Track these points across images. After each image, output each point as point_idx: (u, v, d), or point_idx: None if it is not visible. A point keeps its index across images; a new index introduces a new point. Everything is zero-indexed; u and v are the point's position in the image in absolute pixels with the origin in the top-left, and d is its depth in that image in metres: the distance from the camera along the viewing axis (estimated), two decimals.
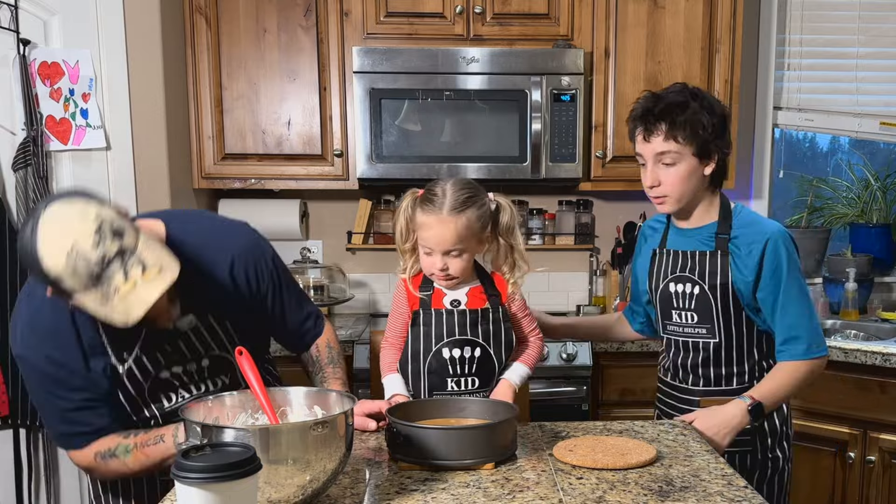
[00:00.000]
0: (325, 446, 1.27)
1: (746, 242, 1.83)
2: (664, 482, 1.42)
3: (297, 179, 2.97)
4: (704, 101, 1.80)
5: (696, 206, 1.88)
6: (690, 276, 1.88)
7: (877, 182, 3.32)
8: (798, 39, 3.30)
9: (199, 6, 2.83)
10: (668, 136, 1.78)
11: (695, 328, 1.90)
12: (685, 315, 1.91)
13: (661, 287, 1.94)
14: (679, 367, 1.95)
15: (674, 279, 1.91)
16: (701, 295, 1.87)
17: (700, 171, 1.82)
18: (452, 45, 2.88)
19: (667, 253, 1.94)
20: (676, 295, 1.91)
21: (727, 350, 1.88)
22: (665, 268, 1.93)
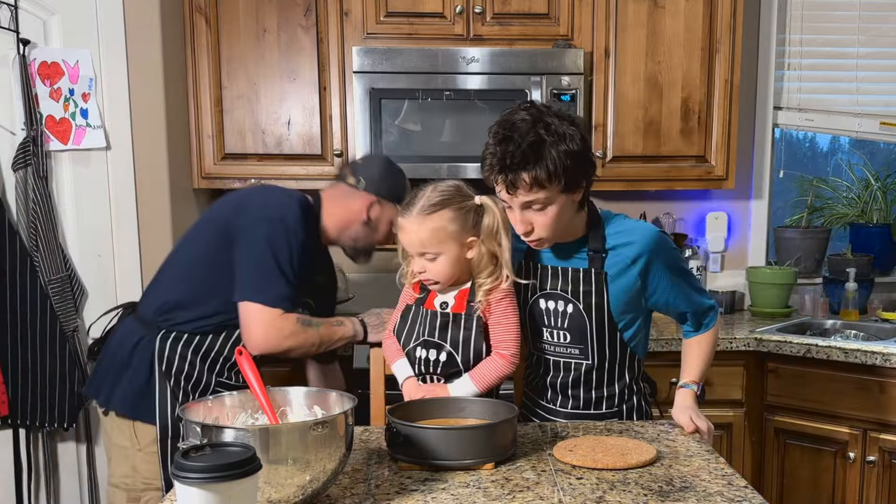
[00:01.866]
0: (325, 446, 1.27)
1: (623, 259, 1.76)
2: (664, 482, 1.42)
3: (297, 179, 2.97)
4: (559, 131, 1.63)
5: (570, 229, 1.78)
6: (563, 293, 1.79)
7: (877, 182, 3.33)
8: (798, 39, 3.31)
9: (199, 6, 2.83)
10: (533, 185, 1.63)
11: (567, 348, 1.83)
12: (557, 334, 1.83)
13: (532, 302, 1.83)
14: (547, 386, 1.88)
15: (544, 295, 1.82)
16: (575, 314, 1.79)
17: (571, 203, 1.70)
18: (452, 45, 2.88)
19: (536, 267, 1.84)
20: (547, 312, 1.82)
21: (599, 372, 1.83)
22: (535, 282, 1.83)
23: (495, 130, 1.68)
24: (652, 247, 1.76)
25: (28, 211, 2.39)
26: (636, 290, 1.79)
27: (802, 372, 2.67)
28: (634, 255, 1.76)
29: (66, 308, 2.46)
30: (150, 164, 2.62)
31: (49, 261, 2.41)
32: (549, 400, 1.89)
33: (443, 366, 1.79)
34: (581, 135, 1.66)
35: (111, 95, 2.54)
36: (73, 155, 2.51)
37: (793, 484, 2.73)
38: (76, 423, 2.49)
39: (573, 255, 1.80)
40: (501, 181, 1.67)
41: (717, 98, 2.96)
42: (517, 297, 1.82)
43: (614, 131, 2.96)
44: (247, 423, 1.41)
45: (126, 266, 2.60)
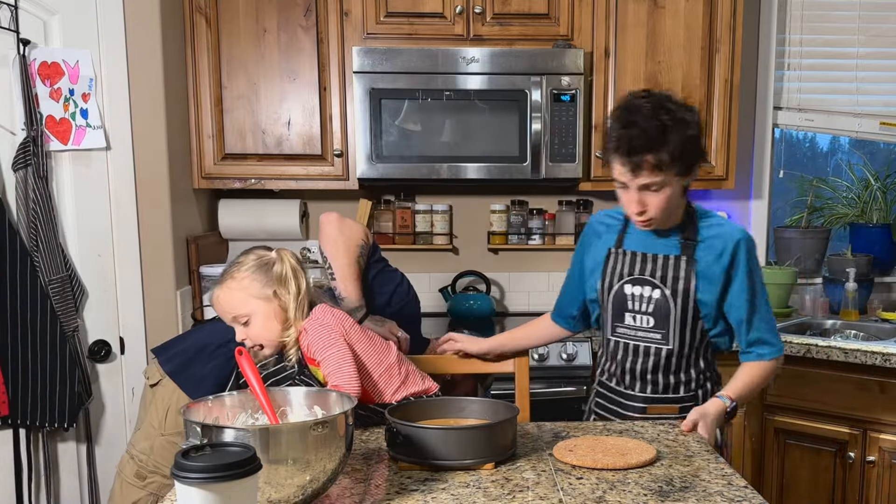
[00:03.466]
0: (325, 446, 1.27)
1: (713, 250, 1.82)
2: (664, 482, 1.42)
3: (297, 179, 2.97)
4: (679, 116, 1.73)
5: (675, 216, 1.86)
6: (651, 279, 1.85)
7: (877, 182, 3.32)
8: (798, 39, 3.31)
9: (199, 6, 2.83)
10: (654, 168, 1.71)
11: (648, 332, 1.87)
12: (640, 318, 1.87)
13: (616, 287, 1.89)
14: (626, 371, 1.91)
15: (631, 280, 1.87)
16: (661, 300, 1.84)
17: (681, 187, 1.80)
18: (452, 45, 2.88)
19: (623, 253, 1.90)
20: (633, 297, 1.87)
21: (678, 357, 1.86)
22: (621, 268, 1.89)
23: (618, 115, 1.76)
24: (739, 244, 1.81)
25: (28, 211, 2.39)
26: (721, 286, 1.82)
27: (802, 372, 2.67)
28: (722, 248, 1.81)
29: (66, 308, 2.45)
30: (150, 164, 2.61)
31: (49, 261, 2.41)
32: (628, 385, 1.92)
33: None
34: (697, 121, 1.76)
35: (111, 95, 2.54)
36: (73, 155, 2.51)
37: (793, 484, 2.73)
38: (76, 423, 2.49)
39: (665, 243, 1.86)
40: (626, 163, 1.73)
41: (717, 98, 2.96)
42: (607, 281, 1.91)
43: None
44: (247, 423, 1.41)
45: (126, 266, 2.60)
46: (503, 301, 3.36)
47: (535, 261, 3.36)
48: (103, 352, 2.57)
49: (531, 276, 3.35)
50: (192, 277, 2.87)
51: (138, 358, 2.62)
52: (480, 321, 3.08)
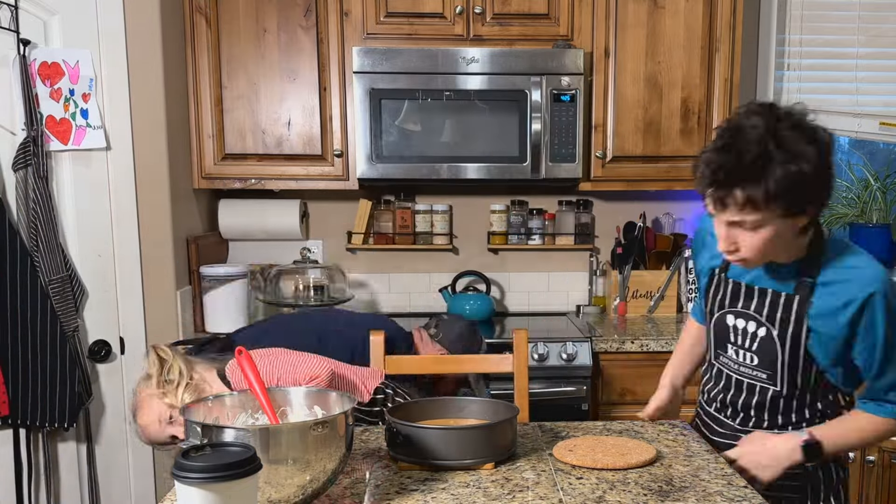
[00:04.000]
0: (325, 446, 1.27)
1: (836, 298, 1.51)
2: (664, 482, 1.42)
3: (297, 179, 2.97)
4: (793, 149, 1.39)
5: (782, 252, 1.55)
6: (756, 315, 1.60)
7: (877, 182, 3.32)
8: (798, 39, 3.30)
9: (199, 6, 2.83)
10: (746, 205, 1.41)
11: (753, 370, 1.64)
12: (743, 354, 1.65)
13: (717, 315, 1.69)
14: (729, 404, 1.71)
15: (733, 312, 1.65)
16: (766, 339, 1.59)
17: (790, 227, 1.47)
18: (452, 45, 2.88)
19: (727, 282, 1.67)
20: (735, 330, 1.65)
21: (788, 399, 1.62)
22: (724, 296, 1.67)
23: (719, 133, 1.46)
24: (873, 297, 1.48)
25: (28, 211, 2.39)
26: (843, 339, 1.53)
27: None
28: (849, 298, 1.50)
29: (67, 308, 2.46)
30: (150, 164, 2.61)
31: (49, 261, 2.41)
32: (730, 416, 1.73)
33: None
34: (819, 154, 1.41)
35: (111, 95, 2.54)
36: (73, 155, 2.51)
37: None
38: (76, 423, 2.49)
39: (778, 277, 1.58)
40: (710, 195, 1.45)
41: (717, 98, 2.96)
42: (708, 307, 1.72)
43: (614, 131, 2.96)
44: (247, 423, 1.41)
45: (126, 266, 2.60)
46: (503, 301, 3.37)
47: (535, 261, 3.36)
48: (103, 352, 2.57)
49: (531, 276, 3.35)
50: (192, 277, 2.87)
51: (138, 358, 2.62)
52: (480, 321, 3.08)
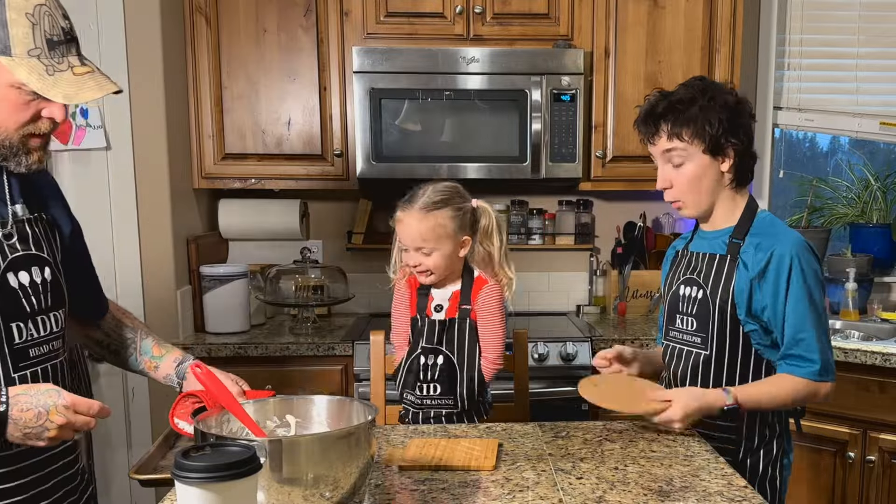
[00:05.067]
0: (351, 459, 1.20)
1: (757, 250, 1.70)
2: (664, 482, 1.42)
3: (297, 179, 2.97)
4: (714, 94, 1.70)
5: (719, 208, 1.77)
6: (697, 278, 1.78)
7: (877, 182, 3.32)
8: (798, 39, 3.30)
9: (199, 6, 2.83)
10: (672, 134, 1.70)
11: (692, 336, 1.79)
12: (685, 321, 1.81)
13: (673, 289, 1.85)
14: (671, 377, 1.85)
15: (685, 281, 1.81)
16: (703, 300, 1.76)
17: (715, 169, 1.72)
18: (452, 45, 2.88)
19: (685, 254, 1.86)
20: (683, 298, 1.81)
21: (717, 366, 1.74)
22: (679, 269, 1.85)
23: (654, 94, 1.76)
24: (785, 246, 1.67)
25: None
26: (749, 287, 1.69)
27: None
28: (764, 250, 1.68)
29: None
30: (151, 165, 2.62)
31: None
32: None
33: (439, 370, 1.89)
34: (737, 101, 1.71)
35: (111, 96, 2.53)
36: (73, 155, 2.51)
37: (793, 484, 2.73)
38: None
39: (713, 242, 1.79)
40: (643, 132, 1.74)
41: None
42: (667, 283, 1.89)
43: (614, 131, 2.96)
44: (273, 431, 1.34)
45: (126, 266, 2.60)
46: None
47: (535, 261, 3.36)
48: None
49: (531, 276, 3.35)
50: (192, 277, 2.87)
51: None
52: None
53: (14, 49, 1.21)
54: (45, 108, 1.29)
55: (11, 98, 1.26)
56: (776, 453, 1.78)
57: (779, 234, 1.72)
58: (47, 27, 1.23)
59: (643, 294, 3.20)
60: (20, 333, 1.36)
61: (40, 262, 1.42)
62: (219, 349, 2.68)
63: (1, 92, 1.26)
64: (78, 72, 1.27)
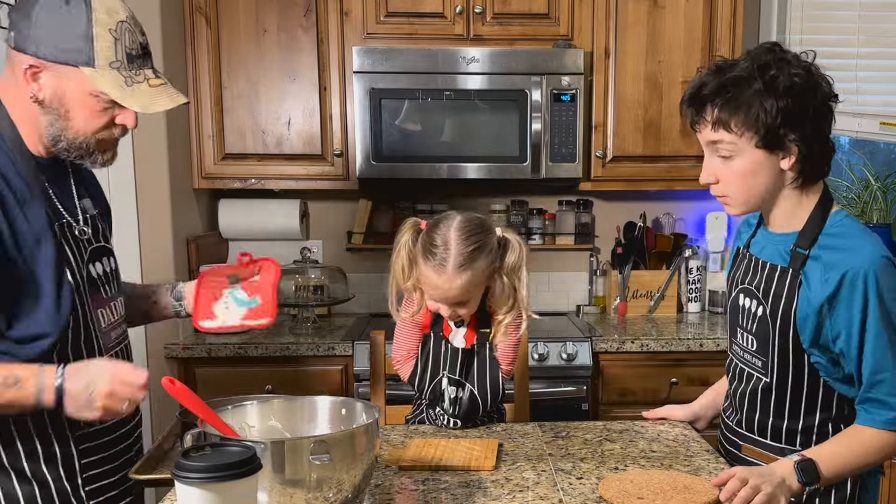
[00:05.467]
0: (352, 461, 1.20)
1: (827, 268, 1.41)
2: None
3: (297, 179, 2.97)
4: (778, 70, 1.39)
5: (779, 208, 1.50)
6: (755, 291, 1.51)
7: (877, 182, 3.32)
8: (798, 39, 3.30)
9: (199, 6, 2.83)
10: (717, 122, 1.41)
11: (752, 357, 1.53)
12: (747, 338, 1.54)
13: (733, 296, 1.59)
14: (732, 396, 1.62)
15: (744, 290, 1.55)
16: (762, 318, 1.49)
17: (773, 165, 1.42)
18: (452, 45, 2.88)
19: (746, 256, 1.58)
20: (743, 311, 1.55)
21: (779, 395, 1.49)
22: (740, 273, 1.58)
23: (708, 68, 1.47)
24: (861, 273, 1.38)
25: None
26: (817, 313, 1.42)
27: None
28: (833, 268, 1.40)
29: None
30: (151, 165, 2.61)
31: None
32: (729, 415, 1.64)
33: (463, 405, 1.78)
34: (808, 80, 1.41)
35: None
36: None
37: None
38: None
39: (779, 248, 1.50)
40: (688, 115, 1.47)
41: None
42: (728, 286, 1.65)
43: (614, 131, 2.96)
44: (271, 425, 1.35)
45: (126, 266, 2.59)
46: None
47: (535, 261, 3.35)
48: None
49: (531, 276, 3.33)
50: (192, 277, 2.87)
51: (138, 358, 2.62)
52: None
53: (97, 61, 1.33)
54: (120, 115, 1.42)
55: (90, 105, 1.38)
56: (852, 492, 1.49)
57: (853, 246, 1.42)
58: (127, 42, 1.37)
59: (643, 294, 3.20)
60: (104, 319, 1.51)
61: (107, 253, 1.58)
62: (219, 349, 2.68)
63: (81, 99, 1.37)
64: (153, 83, 1.41)
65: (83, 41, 1.33)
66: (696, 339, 2.78)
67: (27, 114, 1.39)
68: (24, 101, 1.37)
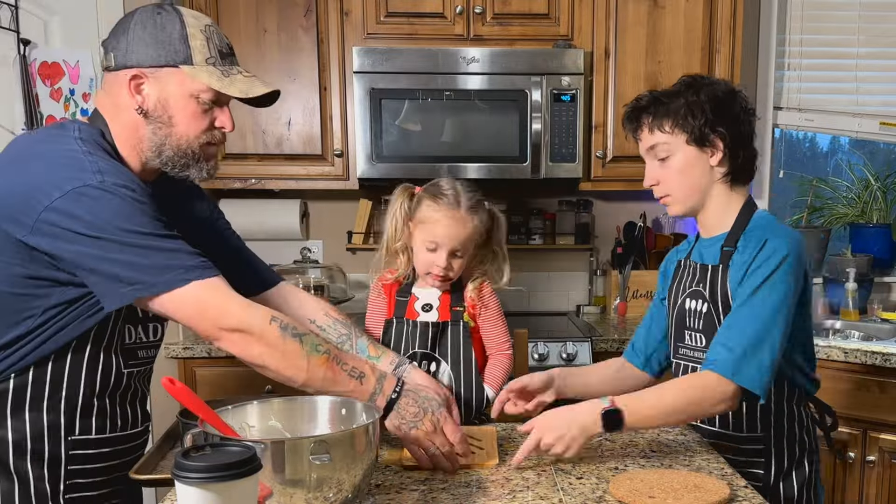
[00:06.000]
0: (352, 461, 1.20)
1: (745, 248, 1.57)
2: None
3: (297, 179, 2.97)
4: (701, 87, 1.60)
5: (711, 208, 1.65)
6: (699, 289, 1.65)
7: (877, 182, 3.33)
8: (798, 39, 3.31)
9: (199, 6, 2.83)
10: (653, 126, 1.61)
11: (701, 353, 1.64)
12: (694, 336, 1.67)
13: (679, 303, 1.70)
14: None
15: (691, 294, 1.67)
16: (707, 313, 1.63)
17: (703, 162, 1.60)
18: (452, 45, 2.88)
19: (687, 265, 1.71)
20: (690, 312, 1.67)
21: None
22: (685, 281, 1.70)
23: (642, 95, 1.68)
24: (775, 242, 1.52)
25: None
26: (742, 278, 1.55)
27: None
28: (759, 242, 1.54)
29: None
30: None
31: None
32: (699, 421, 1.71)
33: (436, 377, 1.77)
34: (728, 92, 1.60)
35: None
36: None
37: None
38: None
39: (711, 251, 1.66)
40: (629, 128, 1.67)
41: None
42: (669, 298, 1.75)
43: (614, 131, 2.96)
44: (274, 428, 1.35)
45: None
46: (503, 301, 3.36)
47: (535, 261, 3.36)
48: None
49: (531, 276, 3.35)
50: None
51: None
52: None
53: (194, 58, 1.45)
54: (218, 118, 1.52)
55: (191, 108, 1.47)
56: (809, 473, 1.64)
57: (773, 232, 1.56)
58: (217, 41, 1.49)
59: (643, 294, 3.20)
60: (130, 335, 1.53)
61: None
62: (219, 349, 2.67)
63: (182, 102, 1.45)
64: (245, 75, 1.54)
65: (179, 42, 1.43)
66: None
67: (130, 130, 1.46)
68: (127, 118, 1.45)
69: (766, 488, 1.59)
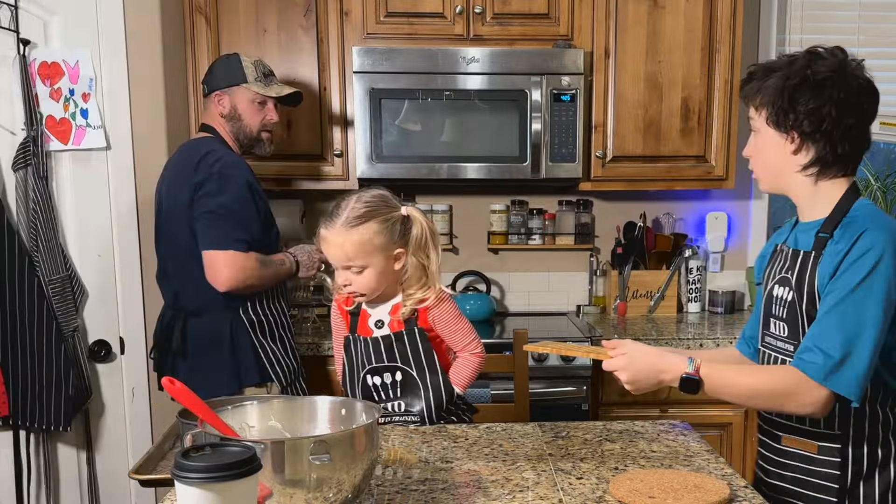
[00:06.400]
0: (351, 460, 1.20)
1: (841, 239, 1.47)
2: None
3: (297, 179, 2.97)
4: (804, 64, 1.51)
5: (797, 194, 1.58)
6: (788, 276, 1.56)
7: (877, 182, 3.32)
8: (798, 39, 3.30)
9: (199, 6, 2.83)
10: (748, 99, 1.58)
11: (785, 343, 1.57)
12: (779, 326, 1.59)
13: (768, 288, 1.63)
14: None
15: (779, 280, 1.59)
16: (791, 303, 1.54)
17: (779, 145, 1.54)
18: (452, 45, 2.88)
19: (783, 250, 1.63)
20: (776, 300, 1.59)
21: None
22: (775, 266, 1.63)
23: None
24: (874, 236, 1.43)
25: (28, 211, 2.39)
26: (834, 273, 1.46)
27: None
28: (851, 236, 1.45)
29: (66, 308, 2.46)
30: (151, 165, 2.61)
31: (49, 261, 2.41)
32: None
33: (400, 387, 1.78)
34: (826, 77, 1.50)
35: (111, 95, 2.54)
36: (73, 155, 2.51)
37: None
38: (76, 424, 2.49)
39: (808, 236, 1.57)
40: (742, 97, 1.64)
41: (717, 98, 2.96)
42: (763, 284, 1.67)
43: (614, 131, 2.96)
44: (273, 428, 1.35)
45: (126, 266, 2.60)
46: (503, 301, 3.37)
47: (535, 261, 3.36)
48: (103, 352, 2.57)
49: (531, 277, 3.35)
50: None
51: (138, 358, 2.62)
52: (480, 321, 3.08)
53: (248, 79, 2.39)
54: (268, 114, 2.45)
55: (252, 109, 2.42)
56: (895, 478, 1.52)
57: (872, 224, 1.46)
58: (262, 68, 2.44)
59: (643, 294, 3.20)
60: None
61: None
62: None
63: (245, 105, 2.41)
64: (279, 85, 2.48)
65: (238, 70, 2.39)
66: (696, 339, 2.78)
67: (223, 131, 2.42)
68: (220, 122, 2.42)
69: (842, 490, 1.51)
